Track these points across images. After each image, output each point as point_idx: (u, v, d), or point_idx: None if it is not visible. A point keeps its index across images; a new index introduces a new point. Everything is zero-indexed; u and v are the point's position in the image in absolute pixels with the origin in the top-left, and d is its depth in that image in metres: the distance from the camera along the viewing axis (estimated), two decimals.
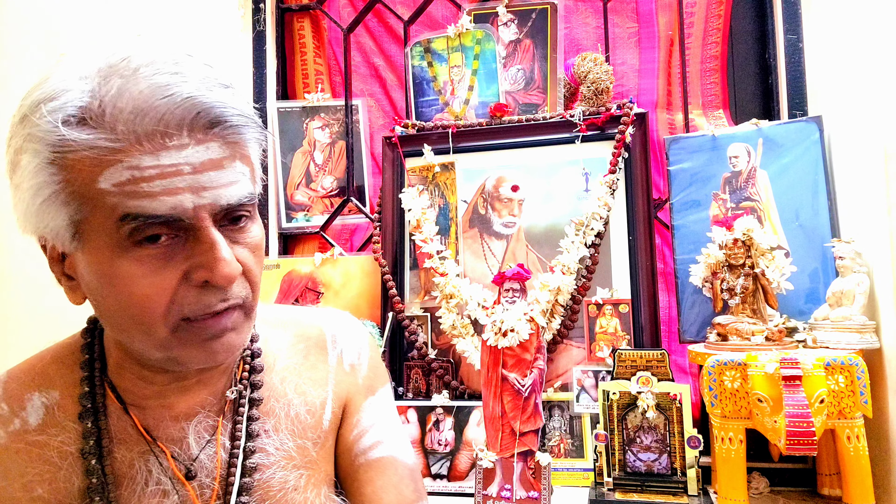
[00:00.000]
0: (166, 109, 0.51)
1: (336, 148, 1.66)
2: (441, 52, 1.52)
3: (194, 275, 0.55)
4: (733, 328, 1.17)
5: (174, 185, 0.52)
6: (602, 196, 1.34)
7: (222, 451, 0.66)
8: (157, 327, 0.56)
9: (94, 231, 0.53)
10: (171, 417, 0.65)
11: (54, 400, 0.64)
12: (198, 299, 0.56)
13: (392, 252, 1.48)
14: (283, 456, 0.68)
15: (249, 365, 0.70)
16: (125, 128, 0.51)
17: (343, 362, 0.77)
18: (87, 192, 0.52)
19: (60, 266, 0.60)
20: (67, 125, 0.51)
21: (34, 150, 0.53)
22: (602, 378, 1.26)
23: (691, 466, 1.12)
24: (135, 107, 0.51)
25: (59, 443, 0.62)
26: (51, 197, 0.53)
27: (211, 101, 0.53)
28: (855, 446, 1.03)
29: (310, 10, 1.70)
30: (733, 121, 1.45)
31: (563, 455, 1.30)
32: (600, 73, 1.37)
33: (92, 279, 0.56)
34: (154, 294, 0.54)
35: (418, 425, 1.34)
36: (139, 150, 0.51)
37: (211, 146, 0.54)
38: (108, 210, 0.52)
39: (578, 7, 1.56)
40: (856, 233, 1.17)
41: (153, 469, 0.63)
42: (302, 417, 0.71)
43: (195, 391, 0.67)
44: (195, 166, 0.53)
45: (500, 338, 1.17)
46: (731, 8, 1.47)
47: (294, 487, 0.67)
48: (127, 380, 0.65)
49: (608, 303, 1.34)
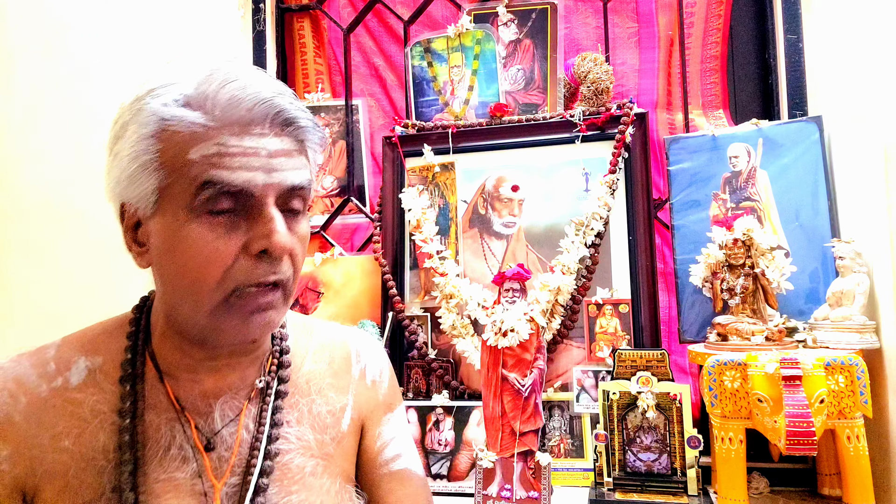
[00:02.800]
0: (254, 104, 0.62)
1: (336, 148, 1.66)
2: (441, 52, 1.52)
3: (253, 245, 0.63)
4: (733, 328, 1.17)
5: (251, 164, 0.62)
6: (602, 196, 1.34)
7: (244, 431, 0.71)
8: (210, 292, 0.63)
9: (175, 197, 0.62)
10: (200, 392, 0.71)
11: (97, 364, 0.71)
12: (252, 268, 0.64)
13: (392, 252, 1.48)
14: (302, 445, 0.74)
15: (279, 360, 0.77)
16: (220, 113, 0.62)
17: (365, 377, 0.84)
18: (177, 162, 0.61)
19: (133, 233, 0.68)
20: (174, 105, 0.62)
21: (141, 122, 0.62)
22: (602, 378, 1.26)
23: (691, 466, 1.12)
24: (230, 98, 0.62)
25: (93, 401, 0.68)
26: (146, 163, 0.62)
27: (288, 106, 0.65)
28: (855, 446, 1.03)
29: (310, 10, 1.71)
30: (733, 121, 1.45)
31: (563, 455, 1.30)
32: (600, 73, 1.37)
33: (163, 242, 0.64)
34: (215, 258, 0.62)
35: (418, 425, 1.34)
36: (228, 132, 0.61)
37: (284, 140, 0.65)
38: (192, 178, 0.61)
39: (578, 7, 1.56)
40: (856, 233, 1.17)
41: (177, 436, 0.69)
42: (323, 416, 0.77)
43: (225, 373, 0.73)
44: (270, 152, 0.63)
45: (500, 338, 1.17)
46: (731, 8, 1.47)
47: (311, 473, 0.73)
48: (167, 350, 0.71)
49: (608, 303, 1.34)
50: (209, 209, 0.62)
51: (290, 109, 0.65)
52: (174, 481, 0.67)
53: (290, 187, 0.65)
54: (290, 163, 0.65)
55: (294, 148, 0.66)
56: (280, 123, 0.64)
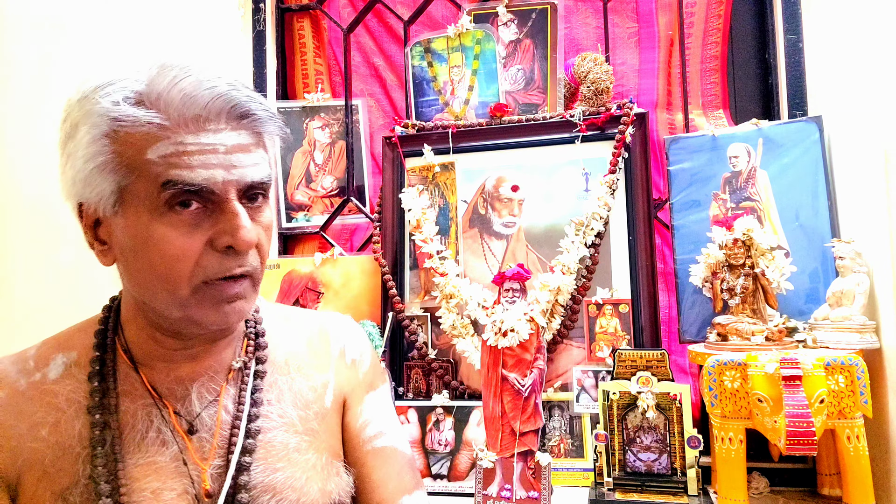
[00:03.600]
0: (209, 99, 0.62)
1: (336, 148, 1.66)
2: (441, 52, 1.52)
3: (218, 240, 0.64)
4: (733, 328, 1.17)
5: (209, 161, 0.62)
6: (602, 196, 1.34)
7: (224, 412, 0.72)
8: (180, 286, 0.64)
9: (135, 197, 0.62)
10: (176, 378, 0.72)
11: (72, 359, 0.73)
12: (219, 263, 0.64)
13: (392, 252, 1.48)
14: (284, 422, 0.75)
15: (255, 341, 0.78)
16: (175, 111, 0.61)
17: (345, 356, 0.85)
18: (135, 162, 0.61)
19: (94, 231, 0.68)
20: (126, 104, 0.61)
21: (92, 123, 0.62)
22: (602, 378, 1.26)
23: (691, 466, 1.12)
24: (184, 95, 0.61)
25: (68, 391, 0.70)
26: (101, 165, 0.62)
27: (243, 98, 0.64)
28: (855, 446, 1.03)
29: (310, 10, 1.71)
30: (733, 121, 1.45)
31: (563, 455, 1.30)
32: (600, 73, 1.37)
33: (127, 241, 0.64)
34: (182, 255, 0.63)
35: (418, 425, 1.34)
36: (184, 130, 0.61)
37: (241, 133, 0.65)
38: (153, 178, 0.61)
39: (578, 7, 1.56)
40: (856, 233, 1.17)
41: (154, 420, 0.70)
42: (305, 393, 0.78)
43: (201, 359, 0.74)
44: (227, 148, 0.63)
45: (500, 338, 1.17)
46: (731, 8, 1.47)
47: (296, 449, 0.74)
48: (141, 341, 0.73)
49: (608, 303, 1.34)
50: (172, 207, 0.62)
51: (246, 102, 0.65)
52: (155, 465, 0.68)
53: (249, 184, 0.65)
54: (248, 158, 0.65)
55: (251, 141, 0.66)
56: (236, 117, 0.64)
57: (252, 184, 0.65)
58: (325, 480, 0.74)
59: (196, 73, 0.63)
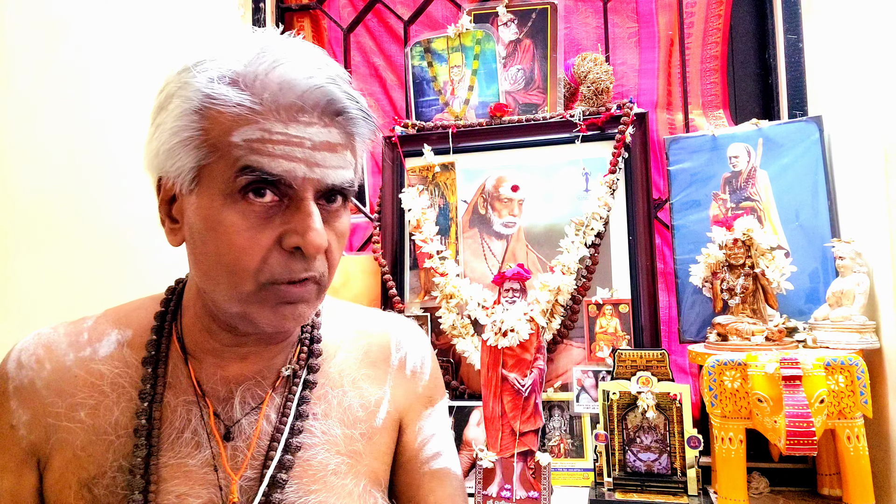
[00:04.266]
0: (306, 90, 0.59)
1: None
2: (441, 52, 1.52)
3: (287, 239, 0.60)
4: (733, 328, 1.17)
5: (293, 154, 0.59)
6: (602, 196, 1.34)
7: (265, 421, 0.68)
8: (245, 280, 0.61)
9: (213, 178, 0.60)
10: (222, 378, 0.69)
11: (127, 337, 0.71)
12: (285, 264, 0.61)
13: (392, 252, 1.48)
14: (327, 440, 0.70)
15: (309, 348, 0.73)
16: (269, 97, 0.58)
17: (405, 367, 0.79)
18: (219, 142, 0.59)
19: (168, 207, 0.65)
20: (221, 82, 0.59)
21: (186, 96, 0.60)
22: (602, 378, 1.26)
23: (691, 466, 1.12)
24: (282, 80, 0.59)
25: (115, 374, 0.68)
26: (187, 140, 0.60)
27: (340, 94, 0.61)
28: (855, 446, 1.03)
29: (310, 10, 1.71)
30: (733, 121, 1.45)
31: (563, 455, 1.30)
32: (600, 73, 1.37)
33: (198, 222, 0.61)
34: (250, 248, 0.60)
35: None
36: (274, 117, 0.58)
37: (332, 131, 0.61)
38: (232, 161, 0.58)
39: (578, 7, 1.56)
40: (856, 233, 1.17)
41: (193, 419, 0.67)
42: (354, 409, 0.73)
43: (251, 360, 0.70)
44: (315, 144, 0.60)
45: (500, 338, 1.17)
46: (731, 8, 1.47)
47: (334, 472, 0.68)
48: (195, 331, 0.70)
49: (608, 303, 1.34)
50: (245, 195, 0.59)
51: (342, 98, 0.61)
52: (184, 467, 0.65)
53: (329, 186, 0.62)
54: (333, 159, 0.61)
55: (340, 141, 0.62)
56: (330, 113, 0.61)
57: (332, 186, 0.62)
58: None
59: (295, 60, 0.60)
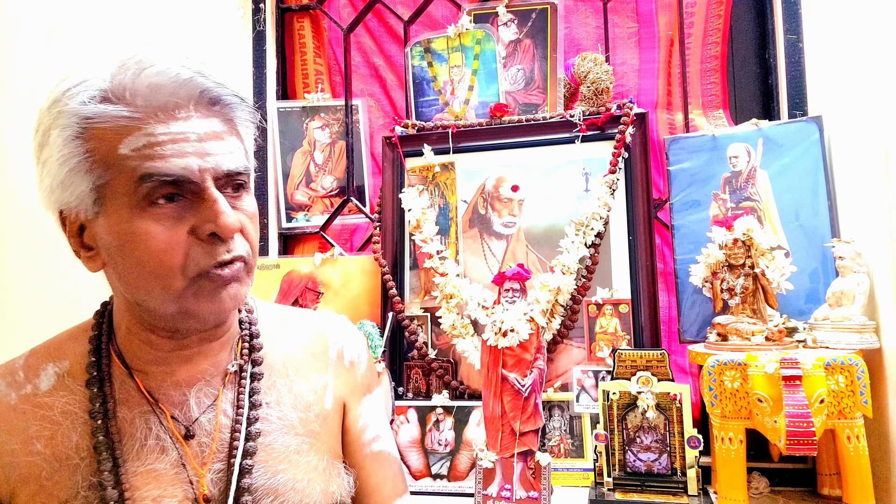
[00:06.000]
0: (175, 87, 0.61)
1: (336, 148, 1.66)
2: (441, 52, 1.52)
3: (200, 229, 0.63)
4: (733, 328, 1.17)
5: (183, 150, 0.61)
6: (602, 196, 1.34)
7: (223, 416, 0.71)
8: (174, 280, 0.63)
9: (115, 194, 0.62)
10: (172, 383, 0.71)
11: (64, 368, 0.71)
12: (207, 251, 0.64)
13: (392, 252, 1.48)
14: (284, 424, 0.74)
15: (249, 343, 0.77)
16: (142, 102, 0.60)
17: (343, 358, 0.85)
18: (109, 158, 0.61)
19: (79, 238, 0.67)
20: (93, 102, 0.60)
21: (63, 125, 0.61)
22: (602, 378, 1.26)
23: (691, 466, 1.12)
24: (150, 84, 0.61)
25: (63, 403, 0.69)
26: (77, 165, 0.61)
27: (211, 84, 0.64)
28: (855, 446, 1.03)
29: (310, 10, 1.70)
30: (733, 121, 1.45)
31: (563, 455, 1.30)
32: (600, 73, 1.37)
33: (112, 241, 0.63)
34: (169, 248, 0.62)
35: (418, 425, 1.34)
36: (154, 120, 0.60)
37: (212, 121, 0.64)
38: (129, 172, 0.60)
39: (578, 7, 1.56)
40: (856, 233, 1.17)
41: (153, 427, 0.69)
42: (305, 394, 0.78)
43: (197, 361, 0.73)
44: (199, 136, 0.62)
45: (500, 338, 1.17)
46: (731, 8, 1.47)
47: (296, 451, 0.73)
48: (134, 346, 0.71)
49: (608, 303, 1.34)
50: (152, 200, 0.61)
51: (214, 88, 0.64)
52: (154, 472, 0.67)
53: (226, 172, 0.64)
54: (222, 146, 0.64)
55: (224, 129, 0.65)
56: (205, 103, 0.63)
57: (229, 172, 0.65)
58: (327, 482, 0.74)
59: (160, 62, 0.62)
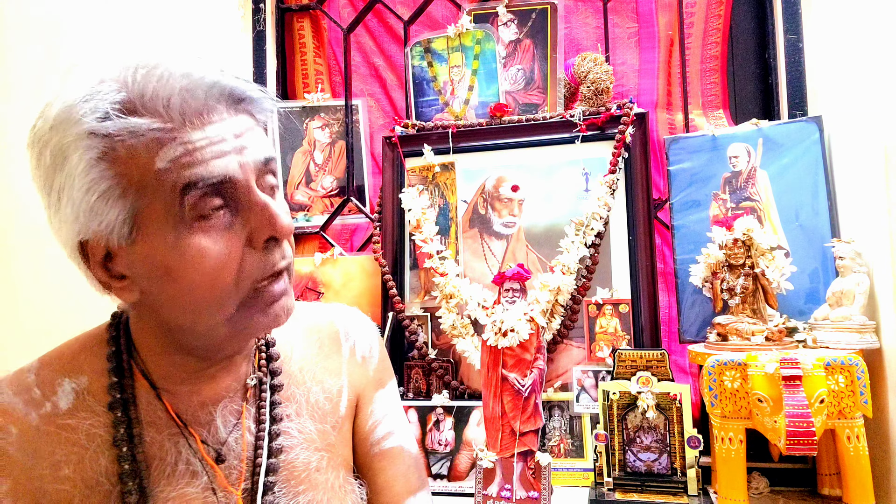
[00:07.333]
0: (206, 90, 0.58)
1: (336, 148, 1.66)
2: (441, 52, 1.52)
3: (257, 235, 0.60)
4: (733, 328, 1.17)
5: (222, 151, 0.58)
6: (602, 196, 1.34)
7: (248, 434, 0.69)
8: (229, 300, 0.60)
9: (155, 217, 0.57)
10: (199, 403, 0.69)
11: (83, 385, 0.66)
12: (263, 260, 0.61)
13: (392, 252, 1.48)
14: (304, 438, 0.72)
15: (265, 354, 0.75)
16: (176, 110, 0.56)
17: (355, 354, 0.83)
18: (145, 178, 0.56)
19: (106, 269, 0.61)
20: (115, 116, 0.54)
21: (85, 146, 0.55)
22: (602, 378, 1.26)
23: (691, 466, 1.12)
24: (181, 90, 0.56)
25: (87, 426, 0.65)
26: (107, 191, 0.56)
27: (235, 83, 0.61)
28: (855, 446, 1.03)
29: (310, 10, 1.70)
30: (733, 121, 1.45)
31: (563, 455, 1.30)
32: (600, 73, 1.37)
33: (155, 268, 0.58)
34: (225, 262, 0.59)
35: (418, 425, 1.34)
36: (190, 127, 0.56)
37: (242, 117, 0.61)
38: (169, 187, 0.56)
39: (578, 7, 1.56)
40: (856, 233, 1.17)
41: (182, 451, 0.66)
42: (321, 403, 0.76)
43: (221, 377, 0.70)
44: (235, 134, 0.60)
45: (500, 338, 1.17)
46: (731, 8, 1.47)
47: (316, 468, 0.72)
48: (160, 366, 0.68)
49: (608, 303, 1.34)
50: (199, 213, 0.57)
51: (239, 85, 0.61)
52: (186, 497, 0.65)
53: (263, 160, 0.62)
54: (255, 138, 0.62)
55: (252, 124, 0.63)
56: (234, 102, 0.61)
57: (266, 158, 0.62)
58: (343, 499, 0.73)
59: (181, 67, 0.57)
